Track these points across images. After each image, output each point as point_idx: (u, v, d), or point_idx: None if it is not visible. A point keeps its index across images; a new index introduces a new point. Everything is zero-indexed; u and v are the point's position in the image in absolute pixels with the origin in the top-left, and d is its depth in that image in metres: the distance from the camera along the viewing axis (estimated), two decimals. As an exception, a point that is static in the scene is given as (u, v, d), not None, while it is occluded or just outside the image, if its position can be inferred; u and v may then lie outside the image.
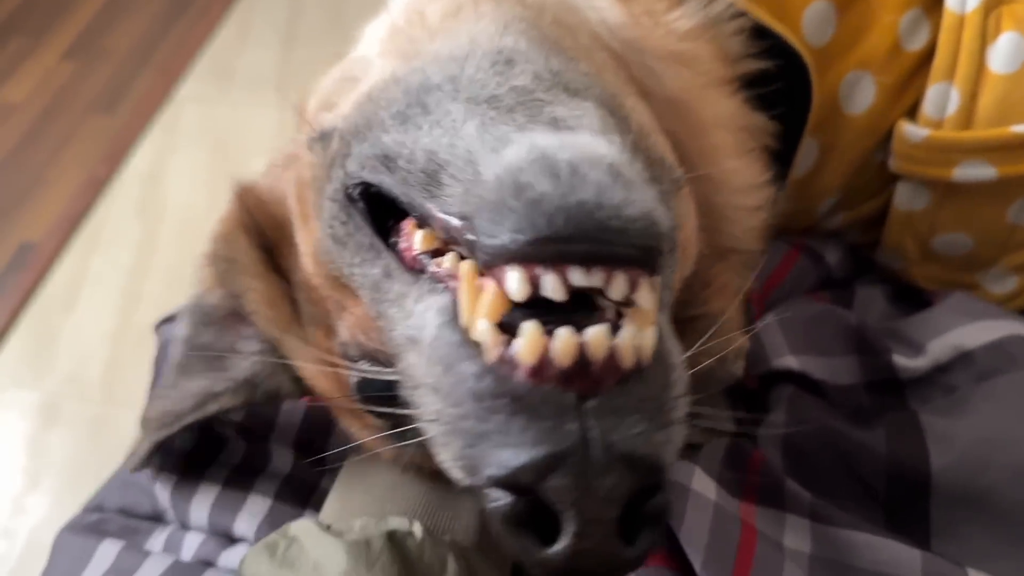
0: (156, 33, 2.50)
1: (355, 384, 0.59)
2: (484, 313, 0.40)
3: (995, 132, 0.70)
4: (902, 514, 0.65)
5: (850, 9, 0.74)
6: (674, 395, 0.42)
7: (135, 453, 0.72)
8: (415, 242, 0.47)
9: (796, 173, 0.81)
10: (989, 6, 0.70)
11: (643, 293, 0.40)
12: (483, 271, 0.41)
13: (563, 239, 0.38)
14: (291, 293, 0.67)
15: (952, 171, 0.73)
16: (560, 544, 0.39)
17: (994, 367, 0.70)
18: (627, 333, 0.39)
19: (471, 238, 0.40)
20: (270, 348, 0.69)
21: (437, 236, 0.46)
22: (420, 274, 0.47)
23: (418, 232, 0.47)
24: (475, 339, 0.40)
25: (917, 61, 0.75)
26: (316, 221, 0.58)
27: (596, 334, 0.38)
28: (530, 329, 0.38)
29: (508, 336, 0.39)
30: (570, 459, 0.38)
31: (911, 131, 0.74)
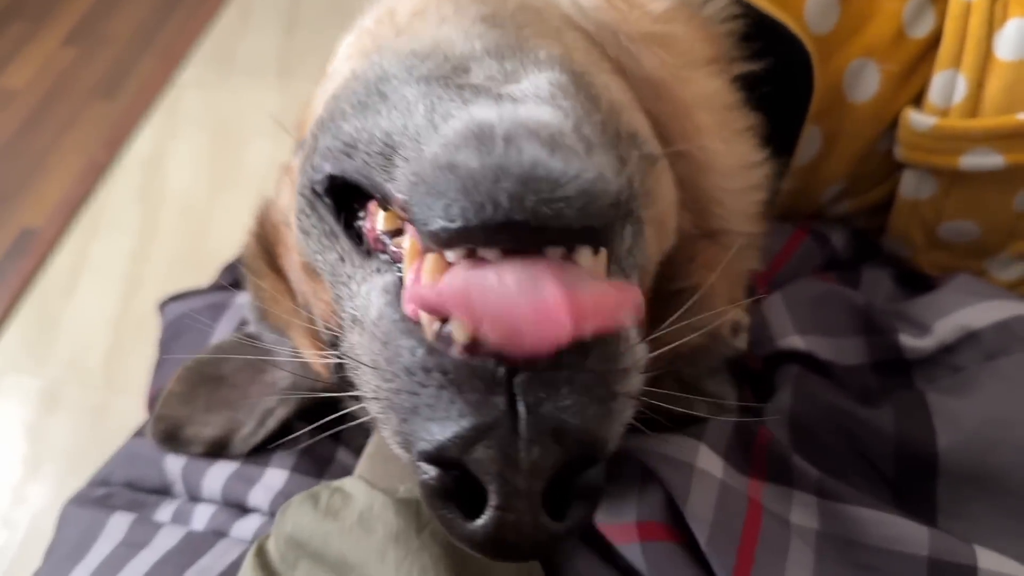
0: (157, 18, 2.49)
1: (332, 368, 0.60)
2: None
3: (1003, 120, 0.70)
4: (909, 493, 0.66)
5: (854, -5, 0.74)
6: (617, 369, 0.42)
7: None
8: (378, 223, 0.48)
9: (800, 161, 0.81)
10: (996, -8, 0.70)
11: (583, 255, 0.41)
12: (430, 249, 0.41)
13: (494, 226, 0.37)
14: (291, 288, 0.71)
15: (959, 159, 0.73)
16: (483, 518, 0.39)
17: (1000, 347, 0.70)
18: None
19: (413, 220, 0.41)
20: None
21: (398, 216, 0.47)
22: (379, 255, 0.49)
23: (380, 213, 0.48)
24: (412, 317, 0.41)
25: (922, 48, 0.74)
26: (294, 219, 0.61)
27: None
28: None
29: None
30: (495, 432, 0.38)
31: (917, 119, 0.74)
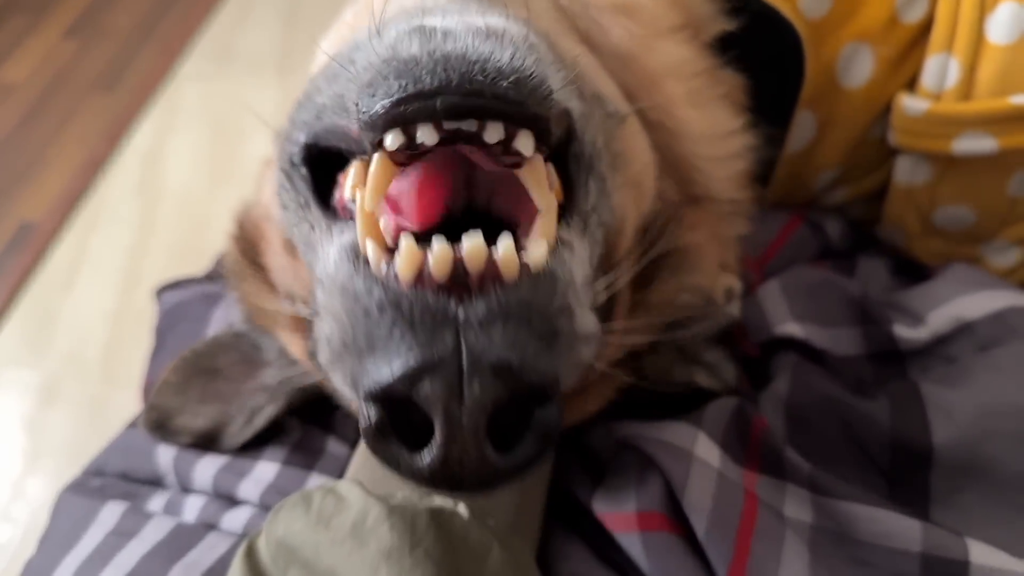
0: (157, 12, 2.49)
1: (309, 353, 0.60)
2: (370, 230, 0.43)
3: (995, 104, 0.70)
4: (903, 483, 0.66)
5: (847, -20, 0.73)
6: (557, 306, 0.42)
7: None
8: (346, 185, 0.48)
9: (793, 147, 0.81)
10: (987, -24, 0.69)
11: (522, 140, 0.42)
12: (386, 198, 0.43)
13: (428, 93, 0.40)
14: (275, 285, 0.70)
15: (952, 143, 0.72)
16: (428, 451, 0.40)
17: (994, 338, 0.70)
18: (504, 245, 0.40)
19: (358, 120, 0.42)
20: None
21: (363, 161, 0.47)
22: (345, 221, 0.49)
23: (350, 172, 0.48)
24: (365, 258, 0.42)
25: (915, 33, 0.74)
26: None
27: (472, 246, 0.40)
28: (405, 244, 0.40)
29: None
30: (442, 367, 0.39)
31: (910, 104, 0.73)
